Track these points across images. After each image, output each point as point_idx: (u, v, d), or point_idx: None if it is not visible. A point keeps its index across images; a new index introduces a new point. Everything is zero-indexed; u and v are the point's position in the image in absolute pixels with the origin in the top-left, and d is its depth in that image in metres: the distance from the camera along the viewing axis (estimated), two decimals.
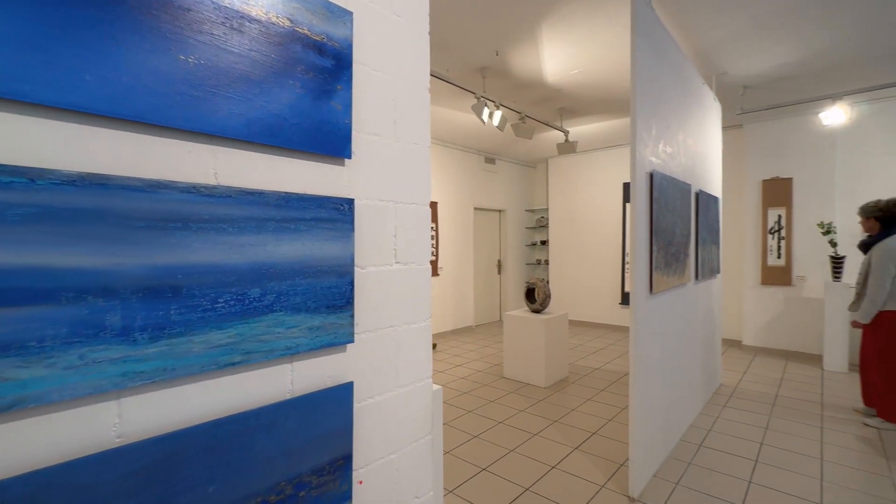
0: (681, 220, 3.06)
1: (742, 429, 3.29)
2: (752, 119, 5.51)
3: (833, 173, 5.13)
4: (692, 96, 3.43)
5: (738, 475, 2.64)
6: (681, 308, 3.17)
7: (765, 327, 5.61)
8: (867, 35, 3.38)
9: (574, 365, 5.06)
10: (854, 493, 2.44)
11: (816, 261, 5.21)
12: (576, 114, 5.33)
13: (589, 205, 7.43)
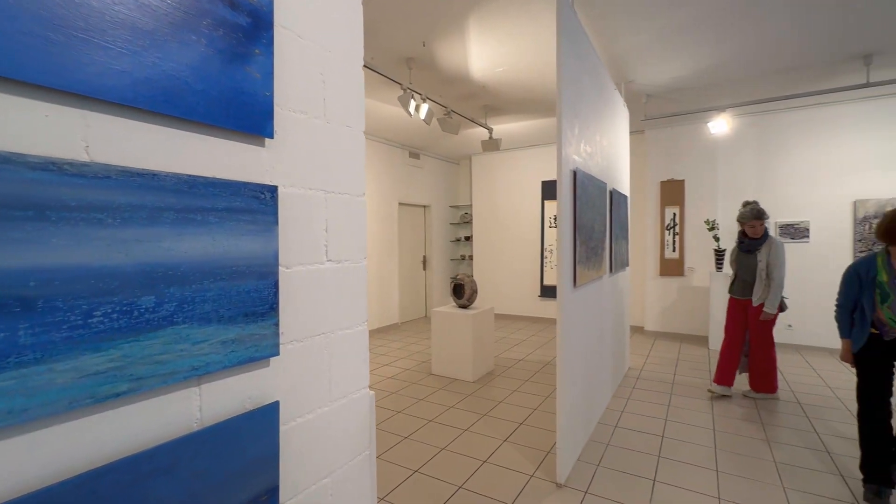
0: (599, 216, 3.24)
1: (649, 408, 3.60)
2: (652, 125, 6.07)
3: (716, 176, 5.85)
4: (607, 100, 3.65)
5: (650, 451, 2.87)
6: (598, 299, 3.36)
7: (662, 314, 6.25)
8: (747, 57, 3.86)
9: (499, 358, 5.18)
10: (741, 457, 2.77)
11: (703, 254, 5.90)
12: (500, 112, 5.44)
13: (510, 202, 7.68)
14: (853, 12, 3.14)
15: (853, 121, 5.08)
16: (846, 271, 2.46)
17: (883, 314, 2.27)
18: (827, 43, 3.63)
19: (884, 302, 2.26)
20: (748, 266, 3.70)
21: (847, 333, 2.44)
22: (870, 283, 2.30)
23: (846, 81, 4.33)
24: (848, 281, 2.43)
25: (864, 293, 2.33)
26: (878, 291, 2.27)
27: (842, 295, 2.46)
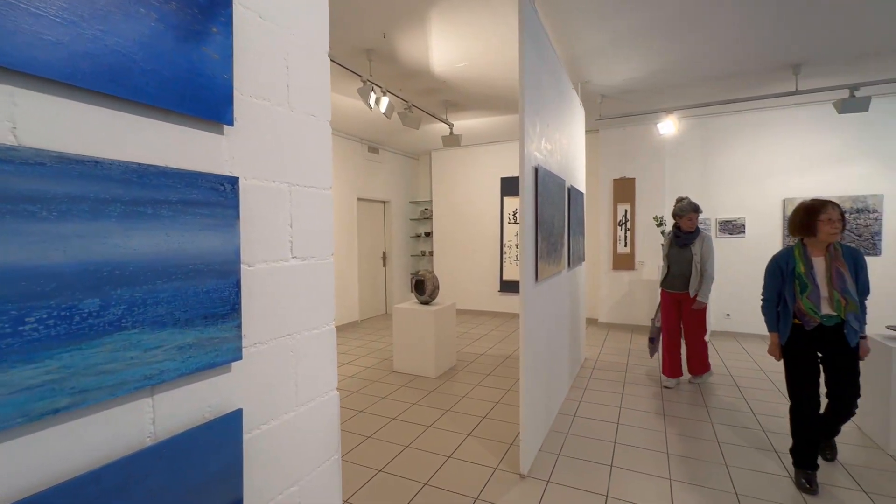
0: (558, 212, 3.32)
1: (605, 396, 3.75)
2: (606, 125, 6.30)
3: (664, 175, 6.17)
4: (565, 99, 3.74)
5: (606, 438, 2.99)
6: (557, 294, 3.45)
7: (615, 306, 6.54)
8: (691, 63, 4.08)
9: (461, 353, 5.21)
10: (688, 439, 2.95)
11: (652, 248, 6.22)
12: (460, 107, 5.43)
13: (470, 198, 7.72)
14: (785, 26, 3.39)
15: (784, 125, 5.52)
16: (769, 264, 2.51)
17: (803, 304, 2.33)
18: (761, 53, 3.91)
19: (803, 292, 2.32)
20: (683, 260, 3.79)
21: (774, 327, 2.47)
22: (790, 274, 2.36)
23: (778, 89, 4.68)
24: (771, 273, 2.48)
25: (785, 285, 2.38)
26: (798, 282, 2.34)
27: (766, 288, 2.51)
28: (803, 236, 2.38)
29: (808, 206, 2.35)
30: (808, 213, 2.33)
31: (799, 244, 2.41)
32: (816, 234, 2.32)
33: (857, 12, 3.20)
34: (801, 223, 2.36)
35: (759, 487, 2.39)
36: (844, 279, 2.28)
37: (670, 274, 3.87)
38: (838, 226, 2.27)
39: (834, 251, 2.33)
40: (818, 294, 2.30)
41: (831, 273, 2.29)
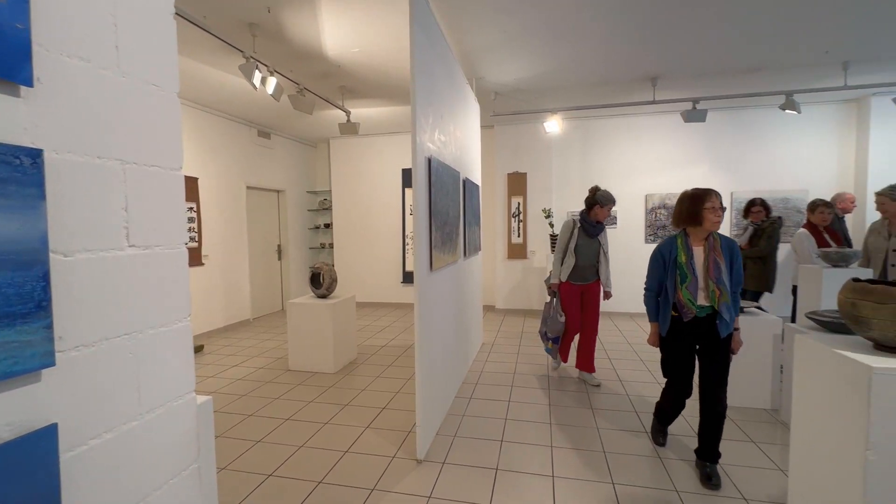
0: (453, 203, 3.41)
1: (499, 377, 3.99)
2: (500, 121, 6.63)
3: (551, 170, 6.70)
4: (459, 93, 3.84)
5: (499, 416, 3.18)
6: (454, 282, 3.57)
7: (510, 293, 6.97)
8: (570, 68, 4.47)
9: (362, 346, 5.13)
10: (568, 409, 3.27)
11: (541, 238, 6.74)
12: (357, 94, 5.28)
13: (372, 188, 7.59)
14: (644, 43, 3.88)
15: (647, 129, 6.35)
16: (652, 254, 2.44)
17: (682, 295, 2.28)
18: (626, 65, 4.43)
19: (683, 282, 2.27)
20: (591, 250, 3.65)
21: (654, 317, 2.45)
22: (672, 264, 2.31)
23: (640, 97, 5.35)
24: (654, 262, 2.42)
25: (667, 275, 2.34)
26: (679, 272, 2.29)
27: (649, 277, 2.45)
28: (687, 226, 2.33)
29: (694, 194, 2.30)
30: (694, 200, 2.28)
31: (682, 234, 2.36)
32: (702, 223, 2.27)
33: (698, 38, 3.78)
34: (688, 212, 2.29)
35: (624, 444, 2.75)
36: (721, 269, 2.26)
37: (578, 265, 3.65)
38: (721, 214, 2.25)
39: (713, 241, 2.30)
40: (696, 284, 2.27)
41: (709, 263, 2.26)
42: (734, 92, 5.13)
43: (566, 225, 3.70)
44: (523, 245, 6.84)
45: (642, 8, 3.27)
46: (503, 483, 2.36)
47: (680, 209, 2.35)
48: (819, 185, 5.91)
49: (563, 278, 3.69)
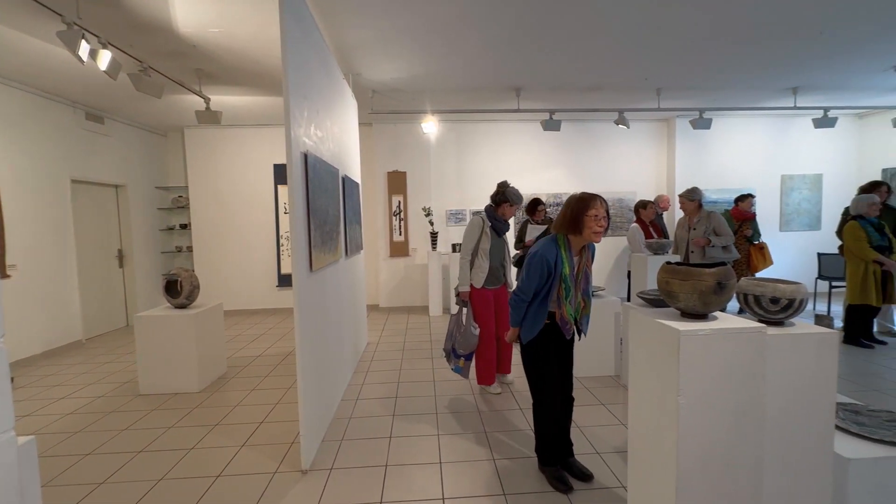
0: (332, 201, 3.31)
1: (386, 375, 4.00)
2: (379, 119, 6.61)
3: (430, 170, 6.92)
4: (335, 88, 3.73)
5: (386, 413, 3.20)
6: (335, 282, 3.47)
7: (393, 290, 7.02)
8: (444, 73, 4.69)
9: (234, 358, 4.66)
10: (453, 398, 3.45)
11: (422, 236, 6.93)
12: (219, 80, 4.75)
13: (239, 185, 6.90)
14: (508, 56, 4.25)
15: (513, 135, 6.97)
16: (534, 259, 2.07)
17: (567, 312, 2.08)
18: (493, 75, 4.81)
19: (567, 297, 2.06)
20: (500, 251, 3.45)
21: (519, 323, 2.21)
22: (558, 276, 2.06)
23: (506, 105, 5.85)
24: (536, 269, 2.06)
25: (551, 287, 2.09)
26: (564, 286, 2.06)
27: (525, 283, 2.10)
28: (568, 232, 2.07)
29: (580, 198, 2.05)
30: (579, 205, 2.03)
31: (563, 240, 2.08)
32: (581, 232, 2.02)
33: (552, 58, 4.28)
34: (571, 217, 2.04)
35: (502, 422, 3.00)
36: (589, 282, 2.17)
37: (492, 268, 3.36)
38: (603, 224, 2.00)
39: (587, 251, 2.14)
40: (575, 298, 2.11)
41: (581, 274, 2.11)
42: (581, 106, 5.94)
43: (474, 225, 3.33)
44: (405, 243, 6.94)
45: (507, 26, 3.59)
46: (393, 478, 2.39)
47: (564, 213, 2.08)
48: (644, 188, 7.20)
49: (478, 284, 3.34)
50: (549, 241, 2.10)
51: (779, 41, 4.05)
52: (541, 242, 2.13)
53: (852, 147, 7.24)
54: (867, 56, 4.48)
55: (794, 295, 1.66)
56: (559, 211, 2.15)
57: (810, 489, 1.69)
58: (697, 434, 1.49)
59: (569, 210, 2.06)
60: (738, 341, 1.48)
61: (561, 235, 2.11)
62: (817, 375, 1.64)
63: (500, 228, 3.38)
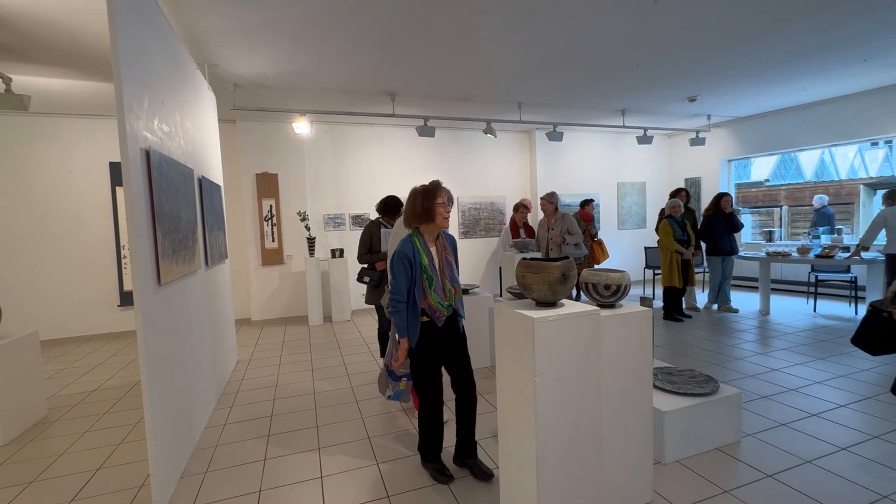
0: (186, 204, 2.94)
1: (259, 394, 3.68)
2: (244, 117, 6.07)
3: (304, 173, 6.59)
4: (186, 78, 3.33)
5: (259, 435, 2.95)
6: (194, 296, 3.09)
7: (267, 301, 6.51)
8: (317, 72, 4.52)
9: (57, 397, 3.81)
10: (333, 408, 3.33)
11: (298, 242, 6.56)
12: (26, 58, 3.86)
13: (63, 187, 5.67)
14: (381, 61, 4.29)
15: (391, 139, 7.02)
16: (394, 259, 2.13)
17: (433, 299, 2.14)
18: (367, 79, 4.80)
19: (430, 286, 2.14)
20: None
21: (406, 328, 2.16)
22: (418, 267, 2.13)
23: (381, 110, 5.88)
24: (399, 268, 2.12)
25: (415, 281, 2.14)
26: (425, 276, 2.13)
27: (396, 286, 2.13)
28: (420, 224, 2.19)
29: (426, 190, 2.17)
30: (427, 196, 2.15)
31: (416, 233, 2.20)
32: (434, 219, 2.16)
33: (424, 66, 4.43)
34: (422, 208, 2.15)
35: (385, 426, 3.00)
36: (453, 268, 2.24)
37: None
38: (449, 209, 2.21)
39: (442, 238, 2.27)
40: (440, 286, 2.17)
41: (443, 262, 2.21)
42: (453, 115, 6.27)
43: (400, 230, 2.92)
44: (279, 250, 6.49)
45: (378, 30, 3.61)
46: (268, 502, 2.22)
47: (413, 206, 2.18)
48: (512, 193, 7.89)
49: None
50: (404, 239, 2.18)
51: (606, 70, 4.81)
52: (401, 241, 2.19)
53: (665, 160, 8.95)
54: (670, 88, 5.60)
55: (620, 282, 2.00)
56: (406, 206, 2.24)
57: (637, 438, 2.04)
58: (551, 406, 1.69)
59: (418, 202, 2.17)
60: (580, 323, 1.73)
61: (413, 229, 2.21)
62: (638, 346, 1.99)
63: None
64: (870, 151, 10.84)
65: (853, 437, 2.59)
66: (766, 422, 2.83)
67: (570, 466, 1.74)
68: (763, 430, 2.73)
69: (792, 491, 2.13)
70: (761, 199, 9.25)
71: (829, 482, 2.19)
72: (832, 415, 2.89)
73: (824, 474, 2.25)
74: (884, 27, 3.99)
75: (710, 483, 2.21)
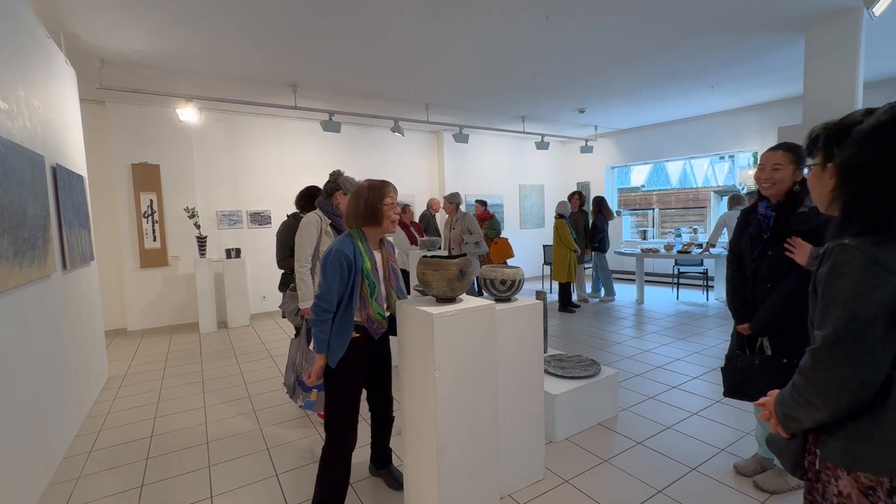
0: (34, 197, 2.49)
1: (137, 413, 3.26)
2: (116, 98, 5.30)
3: (194, 164, 5.96)
4: (34, 48, 2.81)
5: (136, 459, 2.61)
6: (48, 305, 2.63)
7: (148, 309, 5.77)
8: (205, 55, 4.11)
9: None
10: (227, 420, 3.07)
11: (186, 241, 5.91)
12: None
13: None
14: (279, 49, 4.04)
15: (291, 133, 6.65)
16: (329, 260, 1.76)
17: (373, 310, 1.81)
18: (265, 67, 4.49)
19: (372, 295, 1.81)
20: None
21: (326, 344, 1.78)
22: (359, 273, 1.79)
23: (283, 101, 5.55)
24: (334, 270, 1.75)
25: (356, 285, 1.79)
26: (367, 283, 1.80)
27: (327, 292, 1.75)
28: (365, 225, 1.86)
29: (372, 185, 1.85)
30: (374, 193, 1.84)
31: (358, 235, 1.84)
32: (381, 222, 1.85)
33: (327, 59, 4.28)
34: (367, 209, 1.82)
35: (284, 434, 2.85)
36: (398, 277, 2.00)
37: None
38: (399, 211, 1.96)
39: (388, 245, 2.01)
40: (382, 296, 1.89)
41: (388, 270, 1.94)
42: (361, 112, 6.14)
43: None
44: (162, 250, 5.78)
45: (278, 15, 3.40)
46: None
47: (356, 205, 1.84)
48: (422, 192, 7.97)
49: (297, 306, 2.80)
50: (343, 237, 1.85)
51: (507, 78, 5.10)
52: (338, 239, 1.84)
53: (561, 165, 9.75)
54: (562, 98, 6.11)
55: (514, 277, 2.14)
56: (348, 204, 1.89)
57: (531, 421, 2.21)
58: (451, 398, 1.76)
59: (362, 200, 1.83)
60: (477, 318, 1.82)
61: (355, 230, 1.87)
62: (531, 336, 2.15)
63: (341, 225, 2.77)
64: (719, 164, 12.99)
65: (702, 403, 3.09)
66: (638, 396, 3.24)
67: (469, 453, 1.82)
68: (636, 403, 3.13)
69: (656, 454, 2.47)
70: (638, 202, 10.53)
71: (684, 442, 2.58)
72: (688, 386, 3.41)
73: (680, 436, 2.66)
74: (726, 63, 4.80)
75: (593, 455, 2.47)
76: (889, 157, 0.83)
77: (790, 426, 0.96)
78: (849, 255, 0.83)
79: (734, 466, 2.30)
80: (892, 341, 0.81)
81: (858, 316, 0.81)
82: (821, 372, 0.85)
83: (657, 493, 2.12)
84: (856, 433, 0.87)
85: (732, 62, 4.81)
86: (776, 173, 1.90)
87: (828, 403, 0.85)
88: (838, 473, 0.91)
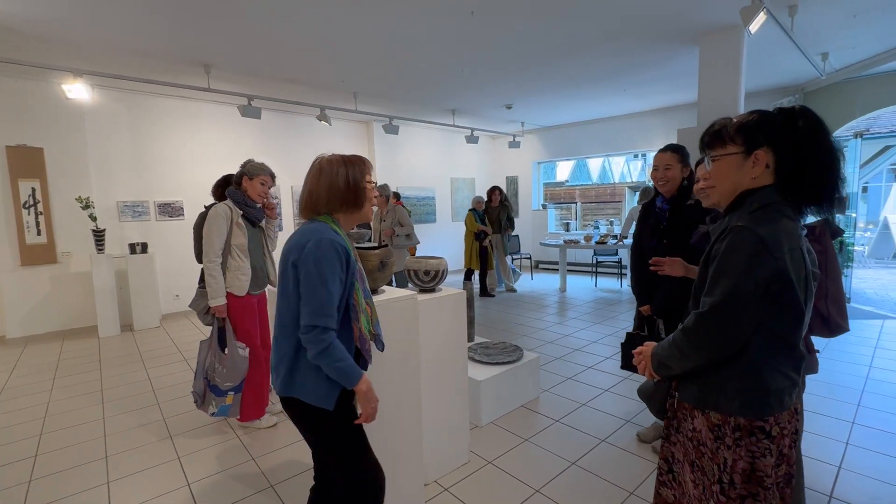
0: None
1: (17, 431, 2.86)
2: None
3: (87, 149, 5.28)
4: None
5: (16, 482, 2.29)
6: None
7: (33, 312, 5.06)
8: (97, 23, 3.63)
9: None
10: (129, 432, 2.80)
11: (80, 234, 5.25)
12: None
13: None
14: (186, 22, 3.69)
15: (206, 117, 6.14)
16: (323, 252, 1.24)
17: (363, 324, 1.34)
18: (172, 43, 4.08)
19: (360, 305, 1.34)
20: (259, 244, 2.76)
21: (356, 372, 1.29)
22: (354, 274, 1.32)
23: (195, 83, 5.09)
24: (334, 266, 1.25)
25: (351, 290, 1.32)
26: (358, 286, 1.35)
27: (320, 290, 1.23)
28: (341, 211, 1.38)
29: (352, 160, 1.40)
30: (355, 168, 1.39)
31: (331, 221, 1.35)
32: (362, 206, 1.41)
33: (240, 37, 3.99)
34: (348, 187, 1.35)
35: (199, 441, 2.66)
36: (365, 277, 1.48)
37: (255, 268, 2.69)
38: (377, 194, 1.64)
39: None
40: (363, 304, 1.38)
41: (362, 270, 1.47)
42: (283, 98, 5.82)
43: (218, 216, 2.53)
44: (49, 245, 5.08)
45: None
46: None
47: (330, 184, 1.35)
48: None
49: (241, 291, 2.61)
50: (317, 224, 1.32)
51: (436, 70, 5.12)
52: (310, 229, 1.30)
53: (490, 159, 10.01)
54: (490, 94, 6.26)
55: (437, 267, 2.17)
56: (316, 183, 1.36)
57: (456, 407, 2.26)
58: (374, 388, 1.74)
59: (341, 178, 1.34)
60: (399, 308, 1.82)
61: (327, 216, 1.36)
62: (454, 324, 2.20)
63: (254, 216, 2.68)
64: (633, 161, 14.16)
65: (612, 381, 3.37)
66: (558, 378, 3.45)
67: (392, 443, 1.83)
68: (556, 384, 3.33)
69: (571, 429, 2.66)
70: (563, 196, 11.12)
71: (595, 417, 2.80)
72: (601, 365, 3.70)
73: (593, 412, 2.88)
74: (635, 69, 5.20)
75: (516, 436, 2.60)
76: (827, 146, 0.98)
77: (660, 372, 1.15)
78: (744, 236, 0.97)
79: (637, 435, 2.54)
80: (759, 311, 0.96)
81: (741, 289, 0.95)
82: (700, 331, 1.01)
83: (571, 465, 2.29)
84: (713, 382, 1.04)
85: (639, 68, 5.23)
86: (668, 172, 2.13)
87: (700, 356, 1.03)
88: (694, 413, 1.09)
